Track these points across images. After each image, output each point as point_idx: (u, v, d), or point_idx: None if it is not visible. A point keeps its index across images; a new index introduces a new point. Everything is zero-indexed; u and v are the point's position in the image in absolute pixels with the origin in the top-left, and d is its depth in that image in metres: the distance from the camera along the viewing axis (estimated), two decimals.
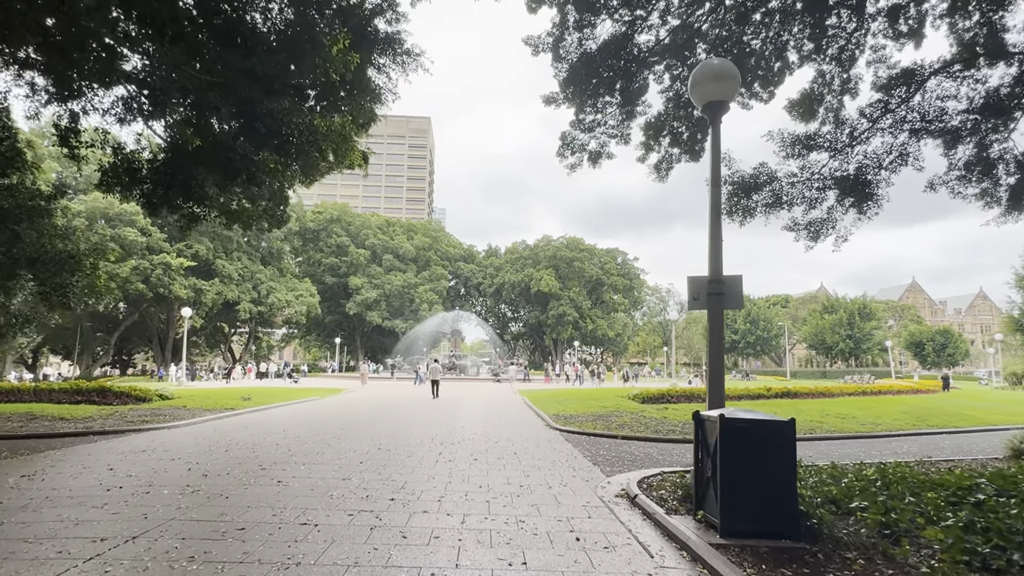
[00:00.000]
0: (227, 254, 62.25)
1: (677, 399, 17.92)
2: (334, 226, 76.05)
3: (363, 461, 8.29)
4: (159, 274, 52.60)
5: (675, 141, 16.85)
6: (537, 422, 14.86)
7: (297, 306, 63.81)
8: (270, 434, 11.36)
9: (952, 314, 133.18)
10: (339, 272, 74.74)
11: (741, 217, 15.82)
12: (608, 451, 10.16)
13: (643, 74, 15.37)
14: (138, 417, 13.66)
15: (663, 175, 17.10)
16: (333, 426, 12.99)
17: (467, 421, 14.71)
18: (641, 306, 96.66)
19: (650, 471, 7.94)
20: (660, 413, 15.32)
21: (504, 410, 18.16)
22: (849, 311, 76.81)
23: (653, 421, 14.00)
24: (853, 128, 14.50)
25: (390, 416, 15.70)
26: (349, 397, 24.72)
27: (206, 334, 76.20)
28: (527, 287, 78.56)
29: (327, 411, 17.27)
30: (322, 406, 19.26)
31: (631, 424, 13.54)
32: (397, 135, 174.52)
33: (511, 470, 8.01)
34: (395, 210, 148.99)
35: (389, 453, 9.13)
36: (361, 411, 17.33)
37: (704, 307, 6.43)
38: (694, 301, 6.49)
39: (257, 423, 13.51)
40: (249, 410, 16.62)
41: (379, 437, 11.06)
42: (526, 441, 11.06)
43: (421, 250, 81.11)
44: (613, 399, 19.21)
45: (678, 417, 14.64)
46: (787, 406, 16.56)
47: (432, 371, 28.06)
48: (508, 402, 21.85)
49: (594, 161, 17.53)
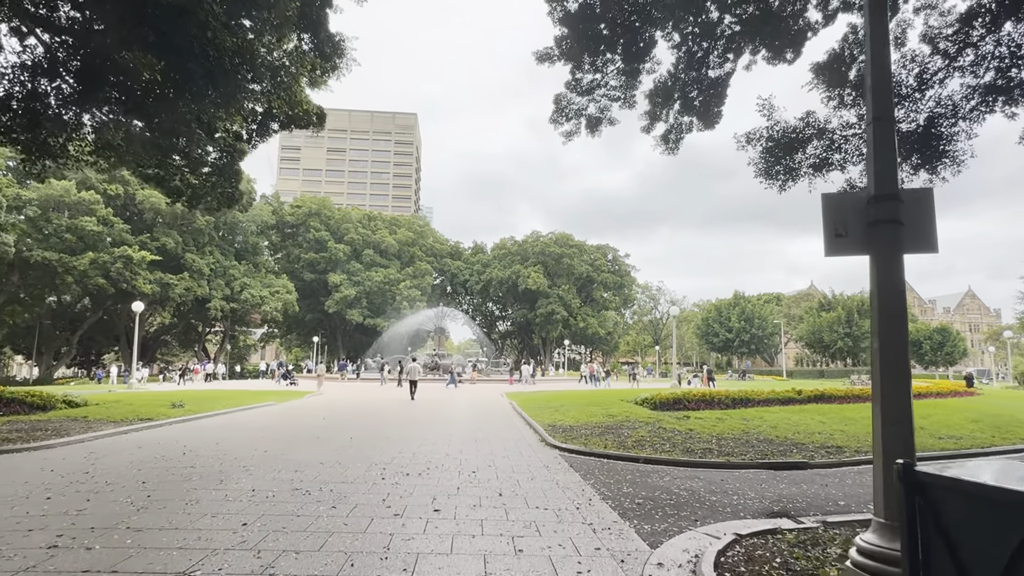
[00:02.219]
0: (198, 248, 58.44)
1: (696, 405, 14.90)
2: (313, 220, 72.32)
3: (248, 522, 5.09)
4: (119, 268, 48.70)
5: (687, 106, 14.13)
6: (529, 436, 11.76)
7: (273, 303, 60.09)
8: (148, 463, 8.14)
9: (941, 313, 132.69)
10: (318, 268, 71.08)
11: (782, 179, 12.88)
12: (633, 485, 7.08)
13: (649, 31, 12.61)
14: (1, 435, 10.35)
15: (672, 147, 14.39)
16: (256, 446, 9.78)
17: (439, 435, 11.57)
18: (632, 304, 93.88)
19: (719, 532, 4.87)
20: (681, 424, 12.29)
21: (488, 420, 15.04)
22: (848, 308, 74.41)
23: (677, 435, 10.96)
24: (923, 68, 11.56)
25: (345, 429, 12.51)
26: (310, 402, 21.45)
27: (178, 333, 72.24)
28: (515, 284, 75.41)
29: (267, 423, 14.05)
30: (267, 415, 16.00)
31: (650, 440, 10.48)
32: (383, 131, 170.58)
33: (493, 532, 4.92)
34: (381, 207, 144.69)
35: (305, 499, 5.97)
36: (311, 422, 14.12)
37: (858, 249, 3.36)
38: (837, 239, 3.39)
39: (157, 443, 10.25)
40: (170, 421, 13.35)
41: (307, 466, 7.88)
42: (516, 469, 7.95)
43: (405, 245, 77.65)
44: (618, 404, 16.17)
45: (706, 429, 11.60)
46: (834, 414, 13.62)
47: (410, 371, 25.33)
48: (494, 408, 18.72)
49: (593, 128, 14.93)
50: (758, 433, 11.22)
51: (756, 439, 10.58)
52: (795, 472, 8.15)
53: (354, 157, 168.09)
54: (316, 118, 16.02)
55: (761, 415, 13.34)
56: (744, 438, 10.68)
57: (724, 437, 10.73)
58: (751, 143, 12.73)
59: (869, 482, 7.39)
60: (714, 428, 11.73)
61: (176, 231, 55.58)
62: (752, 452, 9.29)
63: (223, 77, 9.37)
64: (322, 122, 16.42)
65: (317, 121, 16.18)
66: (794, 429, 11.65)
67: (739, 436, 10.88)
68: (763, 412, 13.87)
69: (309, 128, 16.22)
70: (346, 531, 4.83)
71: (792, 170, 12.47)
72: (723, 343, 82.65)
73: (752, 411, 14.17)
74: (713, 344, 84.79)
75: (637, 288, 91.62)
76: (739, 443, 10.15)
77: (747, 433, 11.23)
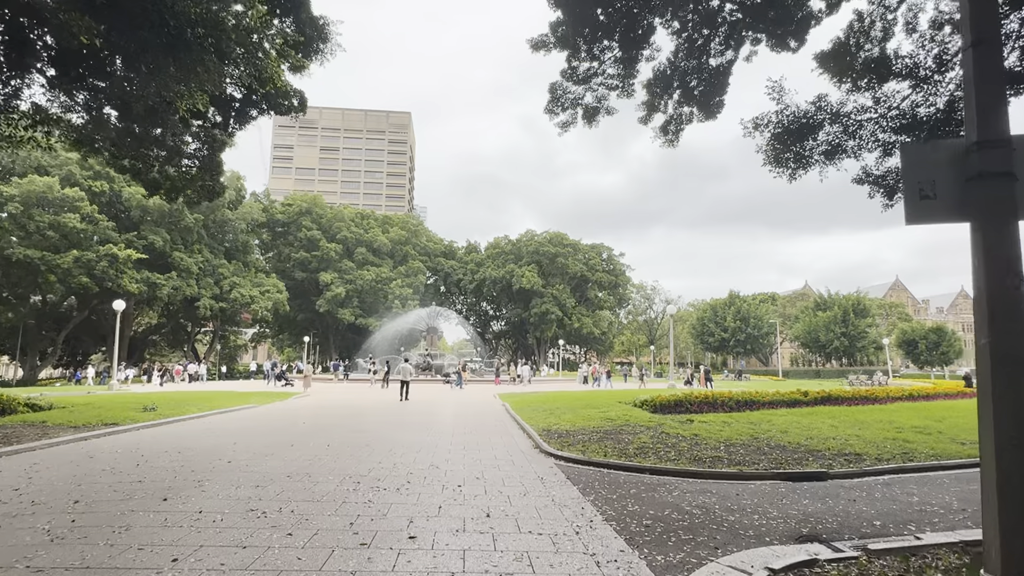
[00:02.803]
0: (186, 246, 57.20)
1: (698, 407, 14.10)
2: (304, 219, 71.20)
3: (179, 557, 4.22)
4: (104, 266, 47.48)
5: (687, 96, 13.45)
6: (522, 441, 10.92)
7: (263, 302, 58.91)
8: (92, 478, 7.26)
9: (935, 312, 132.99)
10: (310, 267, 69.96)
11: (792, 167, 12.13)
12: (639, 501, 6.26)
13: (648, 18, 11.97)
14: None
15: (672, 138, 13.27)
16: (222, 455, 8.90)
17: (425, 441, 10.72)
18: (627, 304, 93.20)
19: (747, 565, 4.05)
20: (685, 428, 11.48)
21: (479, 424, 14.21)
22: (843, 308, 73.86)
23: (682, 441, 10.15)
24: (943, 49, 10.81)
25: (324, 435, 11.64)
26: (294, 405, 20.55)
27: (167, 333, 70.97)
28: (509, 284, 74.53)
29: (240, 428, 13.16)
30: (244, 419, 15.11)
31: (653, 446, 9.67)
32: (376, 130, 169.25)
33: (477, 568, 4.08)
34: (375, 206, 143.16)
35: (258, 524, 5.11)
36: (288, 427, 13.26)
37: (952, 214, 2.54)
38: (922, 203, 2.56)
39: (113, 452, 9.35)
40: (137, 426, 12.44)
41: (272, 480, 7.02)
42: (508, 483, 7.12)
43: (398, 244, 76.64)
44: (616, 407, 15.36)
45: (713, 434, 10.80)
46: (845, 417, 12.83)
47: (401, 371, 24.55)
48: (486, 411, 17.89)
49: (590, 119, 14.23)
50: (768, 438, 10.44)
51: (767, 445, 9.79)
52: (815, 484, 7.36)
53: (347, 156, 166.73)
54: (297, 103, 15.16)
55: (768, 418, 12.57)
56: (754, 444, 9.89)
57: (733, 443, 9.94)
58: (759, 129, 12.00)
59: (900, 496, 6.62)
60: (720, 433, 10.93)
61: (164, 229, 54.37)
62: (765, 460, 8.50)
63: (185, 50, 8.50)
64: (303, 107, 15.55)
65: (299, 106, 15.31)
66: (806, 434, 10.87)
67: (748, 442, 10.09)
68: (770, 415, 13.10)
69: (290, 114, 15.36)
70: (297, 570, 3.99)
71: (803, 157, 11.73)
72: (718, 343, 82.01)
73: (758, 414, 13.39)
74: (708, 344, 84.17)
75: (632, 288, 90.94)
76: (749, 450, 9.35)
77: (756, 439, 10.45)
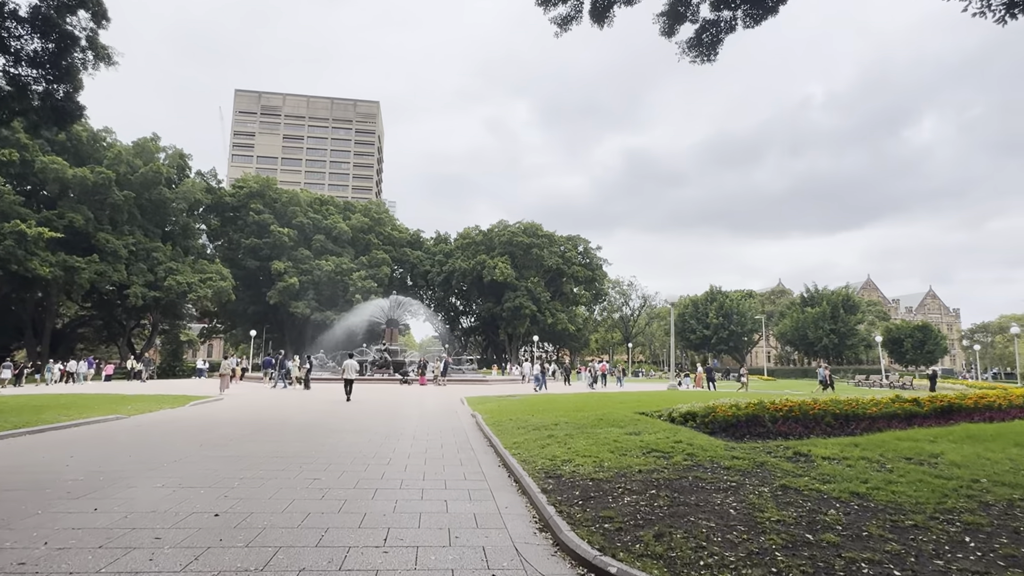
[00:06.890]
0: (115, 227, 50.29)
1: (784, 426, 9.11)
2: (254, 202, 64.52)
3: None
4: (10, 245, 40.65)
5: None
6: (514, 506, 5.79)
7: (201, 290, 52.12)
8: None
9: (904, 312, 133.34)
10: (261, 255, 63.38)
11: None
12: None
13: None
14: None
15: (706, 52, 10.18)
16: None
17: (345, 491, 5.51)
18: (603, 299, 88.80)
19: None
20: (809, 473, 6.49)
21: (438, 451, 8.98)
22: (833, 303, 70.64)
23: (833, 507, 5.16)
24: None
25: (200, 466, 6.31)
26: (189, 414, 14.99)
27: (96, 325, 63.46)
28: (480, 276, 69.24)
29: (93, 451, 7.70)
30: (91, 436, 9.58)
31: (790, 525, 4.64)
32: (343, 119, 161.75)
33: None
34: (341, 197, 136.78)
35: None
36: (167, 447, 7.82)
37: None
38: None
39: None
40: None
41: None
42: None
43: (360, 232, 70.60)
44: (643, 422, 10.30)
45: (881, 489, 5.82)
46: None
47: (346, 368, 21.22)
48: (448, 427, 12.66)
49: (600, 18, 10.16)
50: (971, 493, 5.54)
51: (996, 513, 4.87)
52: None
53: (312, 145, 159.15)
54: None
55: (914, 448, 7.65)
56: (968, 511, 4.95)
57: (939, 514, 4.97)
58: None
59: None
60: (889, 487, 5.87)
61: (87, 207, 47.48)
62: None
63: None
64: None
65: None
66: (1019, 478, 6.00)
67: (945, 505, 5.16)
68: (901, 440, 8.19)
69: None
70: None
71: None
72: (700, 340, 78.10)
73: (875, 437, 8.49)
74: (689, 341, 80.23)
75: (608, 283, 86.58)
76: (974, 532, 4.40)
77: (946, 496, 5.52)
